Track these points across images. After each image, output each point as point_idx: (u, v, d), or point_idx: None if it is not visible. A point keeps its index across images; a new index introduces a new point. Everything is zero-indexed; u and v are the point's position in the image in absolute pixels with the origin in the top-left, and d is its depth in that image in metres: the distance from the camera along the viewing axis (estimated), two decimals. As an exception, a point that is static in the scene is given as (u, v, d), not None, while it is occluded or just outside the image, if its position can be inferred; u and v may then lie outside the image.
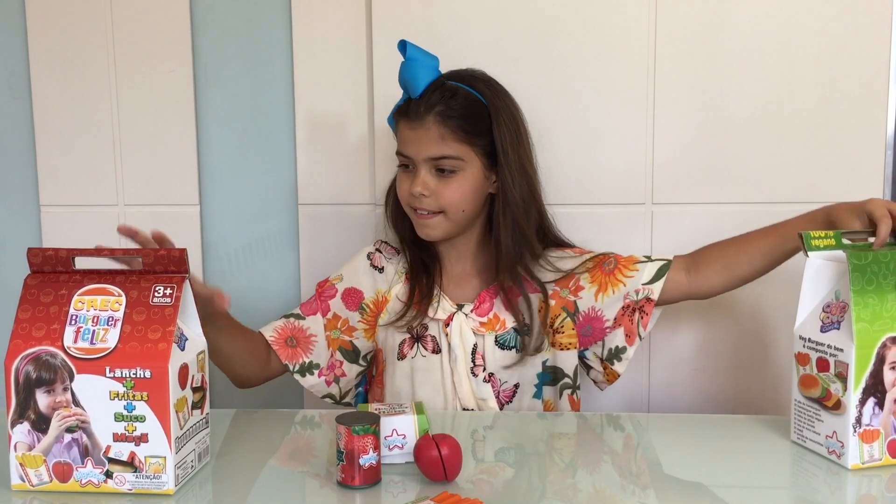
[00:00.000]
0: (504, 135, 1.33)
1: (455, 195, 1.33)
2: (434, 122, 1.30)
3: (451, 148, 1.31)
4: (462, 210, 1.34)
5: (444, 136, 1.30)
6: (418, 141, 1.32)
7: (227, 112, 1.71)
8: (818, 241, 1.16)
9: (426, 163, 1.32)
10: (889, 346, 1.09)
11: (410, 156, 1.34)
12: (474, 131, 1.32)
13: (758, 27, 1.57)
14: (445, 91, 1.32)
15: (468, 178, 1.33)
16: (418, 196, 1.33)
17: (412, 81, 1.32)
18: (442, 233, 1.36)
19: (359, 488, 1.04)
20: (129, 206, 1.71)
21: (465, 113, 1.31)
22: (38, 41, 1.68)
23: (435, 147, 1.31)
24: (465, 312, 1.38)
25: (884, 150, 1.58)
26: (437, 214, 1.35)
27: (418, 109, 1.31)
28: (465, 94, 1.33)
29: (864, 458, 1.10)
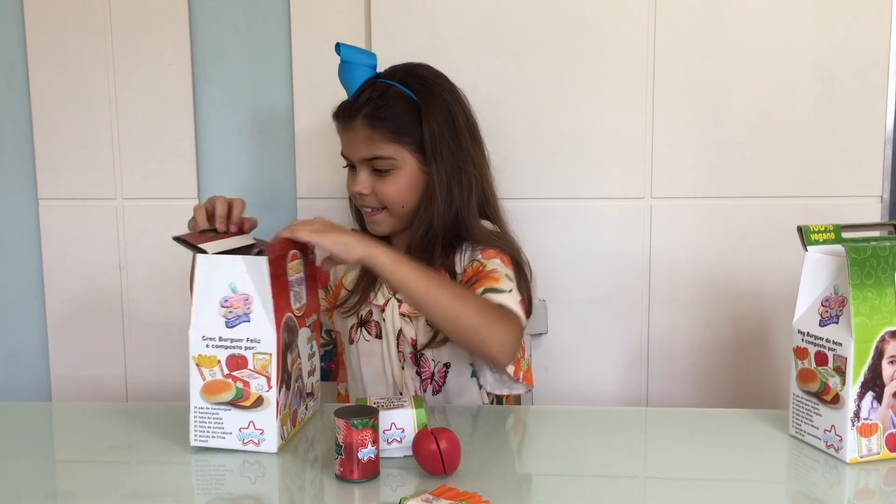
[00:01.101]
0: (433, 131, 1.33)
1: (391, 192, 1.35)
2: (362, 124, 1.33)
3: (381, 148, 1.33)
4: (402, 206, 1.36)
5: (372, 138, 1.33)
6: (350, 143, 1.36)
7: (226, 106, 1.70)
8: (817, 236, 1.16)
9: (361, 163, 1.35)
10: (887, 340, 1.09)
11: (346, 156, 1.38)
12: (403, 130, 1.33)
13: (757, 22, 1.57)
14: (374, 91, 1.33)
15: (403, 176, 1.35)
16: (359, 195, 1.36)
17: (346, 84, 1.36)
18: (388, 228, 1.39)
19: (357, 482, 1.05)
20: (128, 199, 1.71)
21: (392, 112, 1.32)
22: (36, 36, 1.68)
23: (365, 149, 1.34)
24: (398, 298, 1.38)
25: (883, 145, 1.58)
26: (380, 211, 1.37)
27: (348, 112, 1.34)
28: (395, 93, 1.34)
29: (863, 452, 1.10)
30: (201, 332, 1.12)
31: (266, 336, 1.12)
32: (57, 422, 1.37)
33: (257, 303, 1.13)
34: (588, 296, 1.63)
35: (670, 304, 1.65)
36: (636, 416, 1.39)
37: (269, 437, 1.13)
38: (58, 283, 1.74)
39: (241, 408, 1.13)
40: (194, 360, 1.12)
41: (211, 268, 1.13)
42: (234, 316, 1.13)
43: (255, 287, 1.12)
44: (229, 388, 1.13)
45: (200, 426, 1.13)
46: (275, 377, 1.12)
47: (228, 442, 1.13)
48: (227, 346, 1.12)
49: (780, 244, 1.58)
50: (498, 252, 1.34)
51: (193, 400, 1.13)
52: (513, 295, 1.26)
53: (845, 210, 1.58)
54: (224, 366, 1.12)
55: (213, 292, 1.13)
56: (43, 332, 1.77)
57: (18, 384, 1.79)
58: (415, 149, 1.34)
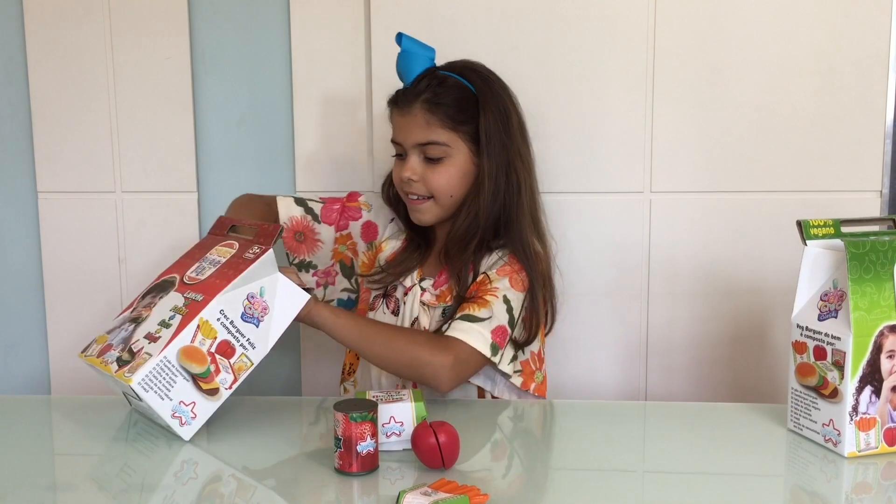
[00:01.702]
0: (489, 124, 1.34)
1: (442, 181, 1.35)
2: (420, 108, 1.33)
3: (437, 134, 1.33)
4: (450, 195, 1.36)
5: (429, 123, 1.33)
6: (406, 127, 1.35)
7: (225, 99, 1.70)
8: (817, 230, 1.16)
9: (415, 149, 1.35)
10: (886, 335, 1.09)
11: (400, 142, 1.38)
12: (460, 118, 1.34)
13: (756, 16, 1.57)
14: (434, 79, 1.34)
15: (455, 165, 1.35)
16: (408, 181, 1.36)
17: (405, 72, 1.36)
18: (432, 217, 1.39)
19: (356, 475, 1.05)
20: (127, 192, 1.71)
21: (451, 100, 1.34)
22: (35, 27, 1.68)
23: (421, 133, 1.34)
24: (423, 286, 1.39)
25: (883, 138, 1.58)
26: (427, 200, 1.37)
27: (407, 97, 1.35)
28: (454, 83, 1.35)
29: (861, 446, 1.10)
30: (222, 306, 1.16)
31: (261, 349, 1.19)
32: (56, 415, 1.37)
33: (271, 320, 1.19)
34: (587, 290, 1.63)
35: (669, 298, 1.65)
36: (635, 410, 1.39)
37: (195, 424, 1.16)
38: (57, 276, 1.74)
39: (197, 386, 1.15)
40: (200, 320, 1.14)
41: (263, 265, 1.19)
42: (251, 314, 1.18)
43: (279, 309, 1.20)
44: (203, 363, 1.15)
45: (154, 375, 1.12)
46: (239, 382, 1.18)
47: (162, 405, 1.13)
48: (231, 332, 1.16)
49: (779, 238, 1.58)
50: (515, 271, 1.34)
51: (167, 351, 1.13)
52: (486, 323, 1.28)
53: (845, 204, 1.58)
54: (216, 344, 1.15)
55: (248, 283, 1.18)
56: (42, 325, 1.77)
57: (17, 377, 1.79)
58: (469, 139, 1.35)
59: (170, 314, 1.17)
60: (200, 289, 1.18)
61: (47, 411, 1.40)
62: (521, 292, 1.34)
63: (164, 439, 1.17)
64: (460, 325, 1.28)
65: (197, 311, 1.15)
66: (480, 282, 1.34)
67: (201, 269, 1.23)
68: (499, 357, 1.30)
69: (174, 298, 1.19)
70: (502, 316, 1.30)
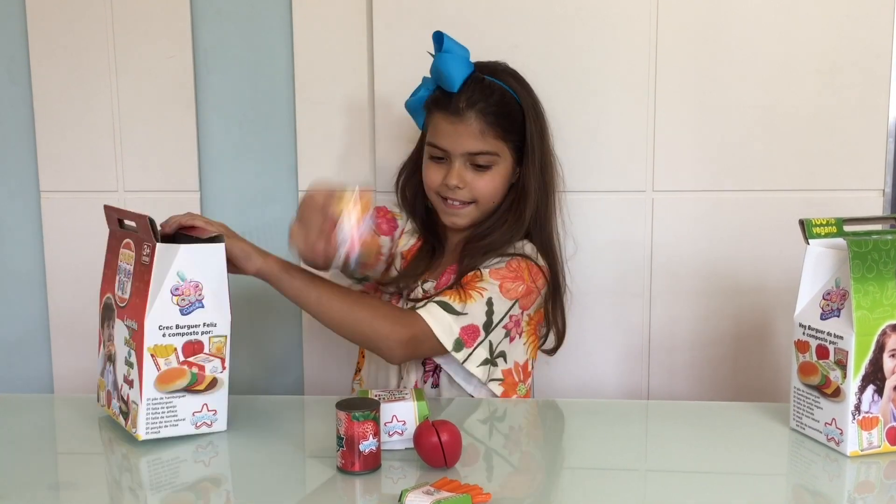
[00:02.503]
0: (533, 131, 1.37)
1: (489, 188, 1.37)
2: (475, 118, 1.33)
3: (489, 144, 1.35)
4: (493, 201, 1.39)
5: (483, 132, 1.34)
6: (457, 135, 1.35)
7: (228, 98, 1.70)
8: (819, 229, 1.16)
9: (463, 156, 1.36)
10: (889, 334, 1.09)
11: (447, 149, 1.36)
12: (510, 128, 1.36)
13: (759, 14, 1.57)
14: (485, 88, 1.35)
15: (500, 172, 1.37)
16: (453, 188, 1.36)
17: (448, 75, 1.34)
18: (470, 221, 1.40)
19: (358, 474, 1.05)
20: (129, 192, 1.71)
21: (502, 111, 1.35)
22: (37, 26, 1.68)
23: (474, 143, 1.34)
24: (424, 289, 1.39)
25: (885, 137, 1.57)
26: (468, 205, 1.38)
27: (459, 104, 1.34)
28: (502, 91, 1.36)
29: (863, 445, 1.10)
30: (157, 322, 1.12)
31: (221, 319, 1.16)
32: (59, 414, 1.37)
33: (208, 288, 1.15)
34: (589, 289, 1.63)
35: (671, 297, 1.65)
36: (637, 409, 1.39)
37: (220, 416, 1.17)
38: (60, 276, 1.74)
39: (194, 392, 1.15)
40: (149, 351, 1.12)
41: (162, 258, 1.14)
42: (188, 303, 1.14)
43: (206, 273, 1.15)
44: (184, 375, 1.14)
45: (153, 418, 1.13)
46: (228, 357, 1.16)
47: (181, 429, 1.15)
48: (184, 333, 1.14)
49: (781, 237, 1.58)
50: (509, 279, 1.33)
51: (145, 392, 1.12)
52: (459, 318, 1.28)
53: (847, 203, 1.58)
54: (180, 353, 1.14)
55: (162, 281, 1.13)
56: (45, 325, 1.77)
57: (20, 376, 1.80)
58: (514, 147, 1.37)
59: (126, 350, 1.15)
60: (130, 314, 1.14)
61: (50, 410, 1.40)
62: (508, 300, 1.33)
63: (167, 438, 1.17)
64: (433, 309, 1.28)
65: (141, 342, 1.12)
66: (473, 275, 1.33)
67: (122, 285, 1.18)
68: (464, 355, 1.29)
69: (121, 329, 1.17)
70: (479, 316, 1.30)
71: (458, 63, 1.34)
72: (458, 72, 1.33)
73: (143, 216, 1.15)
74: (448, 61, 1.34)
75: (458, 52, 1.35)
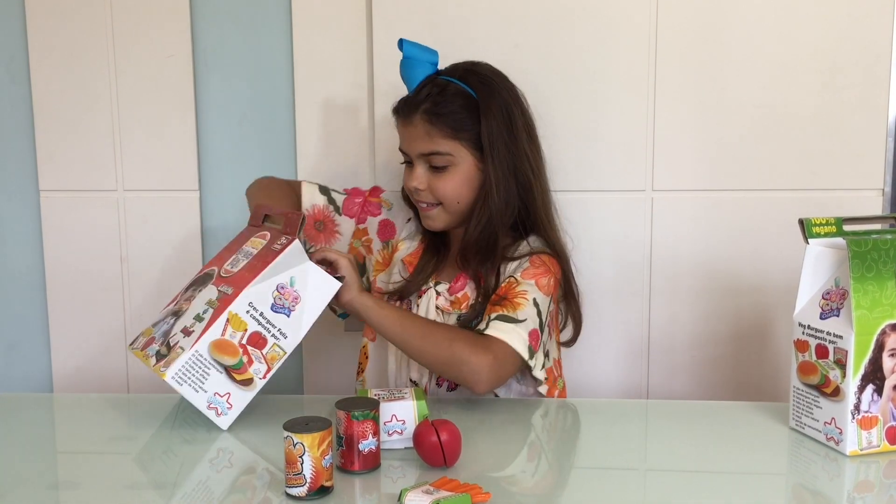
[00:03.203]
0: (492, 129, 1.34)
1: (447, 188, 1.36)
2: (421, 119, 1.33)
3: (439, 144, 1.34)
4: (457, 202, 1.37)
5: (430, 133, 1.33)
6: (409, 138, 1.37)
7: (227, 97, 1.70)
8: (819, 229, 1.16)
9: (419, 158, 1.36)
10: (888, 333, 1.09)
11: (405, 151, 1.39)
12: (461, 126, 1.34)
13: (759, 15, 1.56)
14: (434, 87, 1.34)
15: (459, 172, 1.35)
16: (415, 190, 1.37)
17: (407, 80, 1.37)
18: (442, 224, 1.40)
19: (358, 473, 1.05)
20: (129, 191, 1.71)
21: (451, 109, 1.33)
22: (37, 26, 1.68)
23: (423, 144, 1.34)
24: (438, 290, 1.39)
25: (885, 137, 1.57)
26: (435, 206, 1.38)
27: (407, 107, 1.35)
28: (455, 89, 1.34)
29: (863, 444, 1.10)
30: (251, 299, 1.18)
31: (293, 337, 1.21)
32: (58, 413, 1.37)
33: (302, 309, 1.21)
34: (589, 288, 1.63)
35: (671, 296, 1.65)
36: (637, 408, 1.39)
37: (231, 414, 1.19)
38: (59, 275, 1.74)
39: (230, 377, 1.18)
40: (228, 315, 1.17)
41: (292, 254, 1.21)
42: (281, 304, 1.20)
43: (310, 297, 1.21)
44: (236, 355, 1.18)
45: (186, 369, 1.16)
46: (273, 371, 1.20)
47: (197, 398, 1.17)
48: (261, 323, 1.19)
49: (781, 237, 1.58)
50: (539, 274, 1.34)
51: (198, 345, 1.16)
52: (523, 325, 1.28)
53: (847, 203, 1.58)
54: (246, 335, 1.18)
55: (277, 273, 1.20)
56: (44, 324, 1.77)
57: (20, 375, 1.80)
58: (472, 146, 1.35)
59: (204, 308, 1.20)
60: (231, 282, 1.21)
61: (50, 409, 1.40)
62: (546, 296, 1.33)
63: (167, 437, 1.17)
64: (499, 325, 1.27)
65: (227, 304, 1.17)
66: (508, 285, 1.33)
67: (236, 262, 1.25)
68: (533, 361, 1.29)
69: (210, 292, 1.22)
70: (534, 318, 1.30)
71: (416, 67, 1.35)
72: (415, 75, 1.35)
73: (300, 213, 1.28)
74: (406, 66, 1.36)
75: (418, 55, 1.35)
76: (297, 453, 0.97)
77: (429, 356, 1.28)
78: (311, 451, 0.97)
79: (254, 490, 1.03)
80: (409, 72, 1.36)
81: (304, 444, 0.97)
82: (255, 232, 1.30)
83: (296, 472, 0.98)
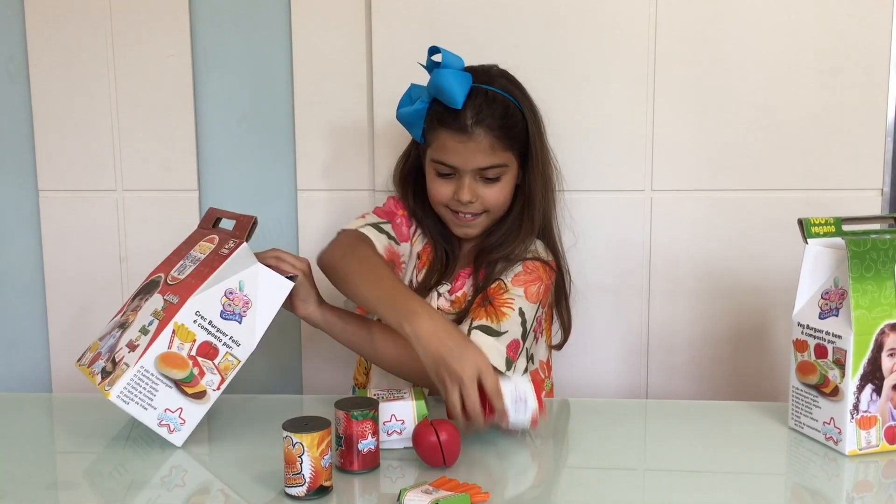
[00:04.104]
0: (535, 136, 1.37)
1: (500, 198, 1.37)
2: (485, 134, 1.32)
3: (499, 157, 1.34)
4: (503, 209, 1.39)
5: (493, 147, 1.33)
6: (467, 152, 1.33)
7: (227, 97, 1.70)
8: (818, 228, 1.16)
9: (473, 171, 1.34)
10: (887, 333, 1.09)
11: (457, 166, 1.34)
12: (515, 137, 1.35)
13: (759, 14, 1.57)
14: (488, 101, 1.33)
15: (509, 181, 1.37)
16: (466, 203, 1.35)
17: (450, 91, 1.30)
18: (481, 230, 1.40)
19: (357, 473, 1.05)
20: (128, 191, 1.71)
21: (508, 122, 1.34)
22: (36, 26, 1.68)
23: (485, 158, 1.33)
24: (439, 291, 1.40)
25: (884, 137, 1.57)
26: (479, 215, 1.38)
27: (466, 122, 1.31)
28: (503, 101, 1.34)
29: (862, 444, 1.10)
30: (198, 307, 1.13)
31: (246, 344, 1.16)
32: (57, 413, 1.37)
33: (255, 313, 1.16)
34: (588, 288, 1.63)
35: (670, 296, 1.65)
36: (636, 408, 1.39)
37: (184, 430, 1.14)
38: (58, 275, 1.74)
39: (181, 391, 1.13)
40: (174, 326, 1.12)
41: (240, 258, 1.16)
42: (231, 310, 1.15)
43: (262, 301, 1.17)
44: (185, 368, 1.13)
45: (132, 387, 1.10)
46: (227, 382, 1.16)
47: (146, 415, 1.12)
48: (210, 332, 1.14)
49: (780, 237, 1.58)
50: (530, 281, 1.34)
51: (143, 360, 1.11)
52: (503, 338, 1.27)
53: (846, 203, 1.58)
54: (196, 346, 1.13)
55: (225, 279, 1.15)
56: (43, 324, 1.77)
57: (19, 375, 1.80)
58: (519, 154, 1.37)
59: (149, 319, 1.15)
60: (177, 290, 1.16)
61: (48, 409, 1.40)
62: (533, 304, 1.33)
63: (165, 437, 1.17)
64: (479, 338, 1.26)
65: (172, 315, 1.12)
66: (497, 287, 1.33)
67: (183, 268, 1.21)
68: (512, 370, 1.29)
69: (156, 301, 1.17)
70: (517, 329, 1.30)
71: (457, 78, 1.30)
72: (458, 87, 1.30)
73: (251, 216, 1.20)
74: (448, 77, 1.30)
75: (455, 64, 1.32)
76: (296, 453, 0.97)
77: (399, 367, 1.29)
78: (310, 451, 0.97)
79: (246, 487, 1.03)
80: (451, 83, 1.30)
81: (304, 444, 0.97)
82: (203, 236, 1.26)
83: (295, 472, 0.98)
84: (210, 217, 1.30)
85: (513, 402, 1.12)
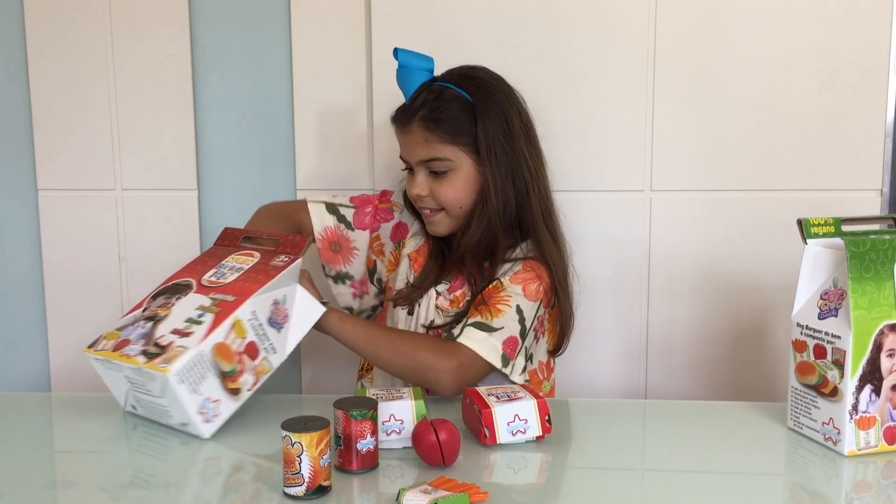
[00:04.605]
0: (488, 132, 1.34)
1: (450, 194, 1.36)
2: (418, 126, 1.34)
3: (438, 150, 1.34)
4: (460, 207, 1.37)
5: (428, 140, 1.34)
6: (408, 145, 1.37)
7: (226, 97, 1.70)
8: (817, 229, 1.16)
9: (420, 165, 1.37)
10: (886, 334, 1.09)
11: (404, 158, 1.39)
12: (458, 131, 1.34)
13: (758, 15, 1.57)
14: (430, 94, 1.35)
15: (460, 177, 1.36)
16: (417, 197, 1.38)
17: (404, 88, 1.37)
18: (446, 228, 1.40)
19: (356, 473, 1.05)
20: (127, 190, 1.71)
21: (448, 114, 1.34)
22: (35, 25, 1.68)
23: (422, 150, 1.35)
24: (438, 290, 1.40)
25: (883, 137, 1.58)
26: (439, 212, 1.39)
27: (405, 115, 1.36)
28: (451, 95, 1.34)
29: (861, 444, 1.10)
30: (255, 308, 1.18)
31: (280, 353, 1.21)
32: (56, 412, 1.37)
33: (289, 329, 1.22)
34: (587, 288, 1.63)
35: (669, 296, 1.65)
36: (635, 408, 1.39)
37: (216, 422, 1.17)
38: (57, 274, 1.74)
39: (223, 384, 1.16)
40: (235, 319, 1.16)
41: (290, 274, 1.22)
42: (275, 320, 1.21)
43: (297, 320, 1.22)
44: (232, 362, 1.16)
45: (189, 368, 1.12)
46: (258, 385, 1.20)
47: (190, 399, 1.13)
48: (258, 334, 1.19)
49: (779, 237, 1.58)
50: (529, 280, 1.34)
51: (203, 345, 1.13)
52: (498, 334, 1.29)
53: (845, 203, 1.58)
54: (244, 343, 1.17)
55: (275, 289, 1.20)
56: (42, 323, 1.77)
57: (18, 374, 1.80)
58: (471, 150, 1.35)
59: (198, 313, 1.18)
60: (229, 290, 1.20)
61: (48, 409, 1.40)
62: (533, 302, 1.33)
63: (164, 436, 1.17)
64: (471, 333, 1.29)
65: (231, 310, 1.16)
66: (494, 287, 1.34)
67: (222, 275, 1.24)
68: (510, 368, 1.30)
69: (197, 299, 1.20)
70: (514, 326, 1.30)
71: (412, 75, 1.35)
72: (410, 83, 1.35)
73: (306, 237, 1.27)
74: (402, 75, 1.36)
75: (413, 63, 1.35)
76: (295, 453, 0.97)
77: (396, 366, 1.31)
78: (309, 451, 0.97)
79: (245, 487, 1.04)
80: (405, 80, 1.36)
81: (303, 444, 0.97)
82: (232, 251, 1.29)
83: (294, 472, 0.98)
84: (230, 236, 1.33)
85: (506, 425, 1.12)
